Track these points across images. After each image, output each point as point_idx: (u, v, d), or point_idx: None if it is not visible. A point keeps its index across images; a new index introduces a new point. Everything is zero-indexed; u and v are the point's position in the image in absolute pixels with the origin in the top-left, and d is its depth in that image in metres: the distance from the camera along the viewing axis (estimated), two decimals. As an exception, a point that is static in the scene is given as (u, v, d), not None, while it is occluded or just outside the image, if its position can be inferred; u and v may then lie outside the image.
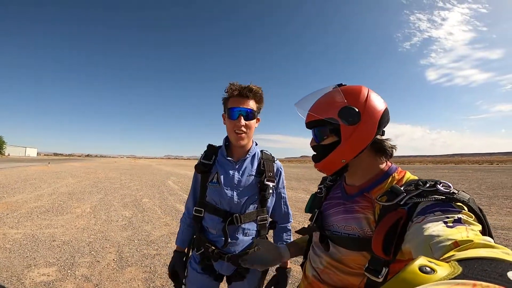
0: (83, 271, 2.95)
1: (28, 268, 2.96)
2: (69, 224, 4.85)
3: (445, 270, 0.30)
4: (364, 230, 0.78)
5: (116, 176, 15.92)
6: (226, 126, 1.27)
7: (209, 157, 1.31)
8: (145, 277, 2.89)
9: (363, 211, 0.79)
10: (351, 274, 0.79)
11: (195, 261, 1.32)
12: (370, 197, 0.80)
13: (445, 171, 25.80)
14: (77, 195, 8.13)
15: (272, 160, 1.36)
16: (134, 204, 7.08)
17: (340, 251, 0.82)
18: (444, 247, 0.44)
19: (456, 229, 0.48)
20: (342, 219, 0.84)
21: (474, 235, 0.46)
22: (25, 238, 3.94)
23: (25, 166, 22.78)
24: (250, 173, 1.28)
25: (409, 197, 0.66)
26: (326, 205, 0.95)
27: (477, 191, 10.11)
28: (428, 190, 0.64)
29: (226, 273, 1.29)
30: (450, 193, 0.61)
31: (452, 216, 0.54)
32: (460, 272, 0.29)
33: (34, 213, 5.55)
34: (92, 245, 3.78)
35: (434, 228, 0.51)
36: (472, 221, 0.53)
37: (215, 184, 1.24)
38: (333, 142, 0.82)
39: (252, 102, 1.24)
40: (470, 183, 13.25)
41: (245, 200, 1.25)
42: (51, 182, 11.02)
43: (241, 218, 1.23)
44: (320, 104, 0.86)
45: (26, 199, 6.99)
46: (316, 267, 0.90)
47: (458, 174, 19.66)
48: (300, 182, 14.44)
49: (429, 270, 0.30)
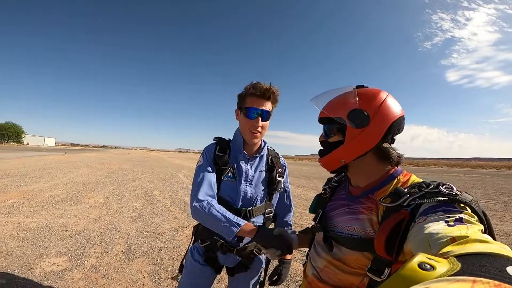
0: (92, 261, 3.01)
1: (39, 257, 3.03)
2: (81, 214, 4.96)
3: (444, 267, 0.30)
4: (366, 231, 0.79)
5: (129, 167, 16.23)
6: (241, 123, 1.27)
7: (224, 150, 1.29)
8: (151, 269, 2.93)
9: (367, 212, 0.81)
10: (351, 273, 0.81)
11: (198, 252, 1.32)
12: (374, 198, 0.81)
13: (461, 175, 24.84)
14: (91, 185, 8.33)
15: (278, 156, 1.42)
16: (145, 196, 7.19)
17: (343, 251, 0.84)
18: (442, 243, 0.44)
19: (456, 227, 0.48)
20: (346, 220, 0.86)
21: (473, 232, 0.46)
22: (39, 227, 4.05)
23: (43, 155, 23.61)
24: (261, 168, 1.33)
25: (412, 199, 0.66)
26: (330, 206, 0.97)
27: (493, 197, 9.76)
28: (431, 191, 0.65)
29: (231, 264, 1.33)
30: (453, 194, 0.62)
31: (454, 216, 0.54)
32: (459, 269, 0.29)
33: (49, 202, 5.71)
34: (103, 236, 3.86)
35: (435, 227, 0.51)
36: (474, 221, 0.53)
37: (231, 179, 1.25)
38: (338, 141, 0.85)
39: (269, 104, 1.25)
40: (485, 188, 12.72)
41: (257, 195, 1.29)
42: (67, 172, 11.35)
43: (253, 213, 1.26)
44: (333, 103, 0.88)
45: (42, 188, 7.21)
46: (317, 266, 0.92)
47: (474, 179, 18.90)
48: (310, 181, 14.27)
49: (429, 267, 0.29)
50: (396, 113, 0.79)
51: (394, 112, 0.79)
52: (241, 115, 1.25)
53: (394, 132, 0.80)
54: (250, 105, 1.21)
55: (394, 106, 0.80)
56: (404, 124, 0.82)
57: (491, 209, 7.20)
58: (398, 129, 0.81)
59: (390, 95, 0.82)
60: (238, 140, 1.31)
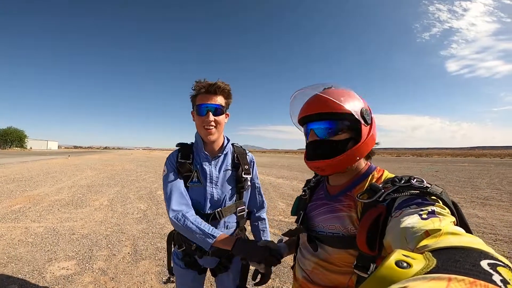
0: (100, 264, 3.07)
1: (49, 262, 3.10)
2: (87, 217, 5.03)
3: (420, 264, 0.30)
4: (347, 228, 0.80)
5: (132, 168, 16.34)
6: (195, 122, 1.28)
7: (187, 156, 1.29)
8: (158, 270, 2.98)
9: (347, 209, 0.82)
10: (339, 272, 0.82)
11: (177, 257, 1.35)
12: (352, 195, 0.83)
13: (465, 164, 24.63)
14: (95, 187, 8.42)
15: (244, 153, 1.40)
16: (149, 196, 7.25)
17: (327, 250, 0.85)
18: (417, 237, 0.46)
19: (430, 221, 0.50)
20: (326, 219, 0.87)
21: (445, 225, 0.48)
22: (46, 232, 4.13)
23: (47, 159, 23.78)
24: (226, 168, 1.31)
25: (387, 194, 0.69)
26: (311, 206, 0.98)
27: (498, 186, 9.51)
28: (404, 185, 0.68)
29: (210, 265, 1.33)
30: (424, 187, 0.65)
31: (426, 209, 0.56)
32: (434, 265, 0.30)
33: (55, 206, 5.80)
34: (109, 238, 3.92)
35: (410, 221, 0.53)
36: (445, 213, 0.55)
37: (196, 184, 1.26)
38: (346, 139, 0.83)
39: (220, 98, 1.25)
40: (491, 177, 12.49)
41: (224, 195, 1.28)
42: (71, 175, 11.46)
43: (222, 213, 1.26)
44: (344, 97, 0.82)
45: (47, 192, 7.30)
46: (305, 269, 0.92)
47: (479, 168, 18.69)
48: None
49: (405, 264, 0.30)
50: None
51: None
52: (195, 114, 1.27)
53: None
54: (200, 102, 1.22)
55: None
56: None
57: (497, 200, 6.99)
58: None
59: None
60: (198, 142, 1.32)
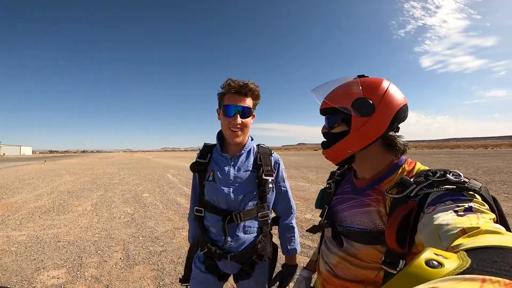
0: (92, 271, 2.98)
1: (37, 271, 2.98)
2: (72, 223, 4.85)
3: (453, 263, 0.28)
4: (376, 223, 0.78)
5: (114, 171, 15.85)
6: (221, 122, 1.25)
7: (204, 156, 1.30)
8: (154, 275, 2.92)
9: (374, 204, 0.79)
10: (365, 268, 0.79)
11: (199, 260, 1.32)
12: (381, 189, 0.79)
13: (441, 156, 26.07)
14: (76, 192, 8.11)
15: (269, 153, 1.32)
16: (135, 199, 7.08)
17: (354, 245, 0.82)
18: (452, 235, 0.43)
19: (466, 218, 0.47)
20: (354, 214, 0.84)
21: (484, 223, 0.44)
22: (30, 240, 3.95)
23: (21, 165, 22.52)
24: (246, 168, 1.26)
25: (420, 188, 0.65)
26: (336, 200, 0.95)
27: (474, 176, 9.97)
28: (438, 180, 0.64)
29: (231, 271, 1.29)
30: (461, 182, 0.60)
31: (463, 205, 0.52)
32: (468, 265, 0.27)
33: (35, 213, 5.54)
34: (98, 244, 3.81)
35: (444, 218, 0.50)
36: (484, 209, 0.51)
37: (211, 182, 1.24)
38: (342, 131, 0.83)
39: (249, 100, 1.22)
40: (466, 168, 13.29)
41: (242, 197, 1.22)
42: (49, 181, 10.95)
43: (240, 216, 1.20)
44: (336, 93, 0.85)
45: (25, 200, 6.95)
46: (330, 262, 0.90)
47: (454, 159, 19.82)
48: (299, 170, 14.50)
49: (436, 264, 0.28)
50: (400, 101, 0.79)
51: (398, 100, 0.78)
52: (221, 114, 1.23)
53: (399, 120, 0.79)
54: (228, 102, 1.19)
55: (397, 94, 0.79)
56: (408, 112, 0.81)
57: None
58: (403, 116, 0.80)
59: (392, 83, 0.81)
60: (218, 141, 1.32)
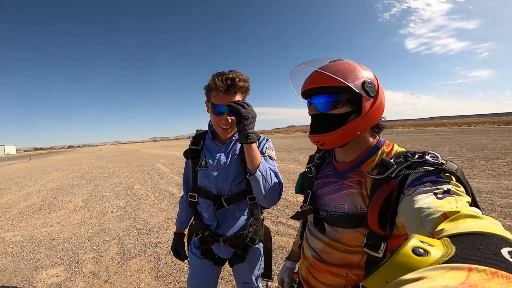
0: (90, 267, 3.07)
1: (35, 270, 3.05)
2: (64, 220, 4.89)
3: (438, 251, 0.29)
4: (357, 206, 0.78)
5: (103, 164, 15.66)
6: (210, 117, 1.24)
7: (197, 143, 1.34)
8: (151, 267, 3.00)
9: (356, 186, 0.79)
10: (350, 252, 0.80)
11: (194, 246, 1.38)
12: (362, 171, 0.80)
13: (427, 134, 26.62)
14: (66, 189, 8.06)
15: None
16: (126, 192, 7.10)
17: (337, 230, 0.83)
18: (434, 219, 0.45)
19: (445, 200, 0.49)
20: (337, 198, 0.84)
21: (463, 206, 0.47)
22: (24, 240, 3.99)
23: (7, 165, 21.85)
24: (234, 153, 1.27)
25: (400, 169, 0.66)
26: (318, 184, 0.94)
27: (459, 153, 10.10)
28: (417, 161, 0.65)
29: (225, 256, 1.33)
30: (439, 163, 0.62)
31: (442, 187, 0.54)
32: (453, 253, 0.28)
33: (26, 213, 5.53)
34: (93, 240, 3.88)
35: (425, 200, 0.52)
36: (460, 192, 0.54)
37: (204, 168, 1.27)
38: (346, 112, 0.79)
39: (238, 96, 1.18)
40: (451, 145, 13.45)
41: (231, 181, 1.25)
42: (37, 179, 10.78)
43: (229, 200, 1.25)
44: (341, 70, 0.78)
45: (15, 199, 6.89)
46: (315, 248, 0.90)
47: (440, 137, 20.27)
48: (290, 153, 14.56)
49: (423, 252, 0.29)
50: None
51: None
52: (210, 111, 1.22)
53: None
54: (216, 102, 1.16)
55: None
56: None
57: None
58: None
59: None
60: (209, 130, 1.35)
